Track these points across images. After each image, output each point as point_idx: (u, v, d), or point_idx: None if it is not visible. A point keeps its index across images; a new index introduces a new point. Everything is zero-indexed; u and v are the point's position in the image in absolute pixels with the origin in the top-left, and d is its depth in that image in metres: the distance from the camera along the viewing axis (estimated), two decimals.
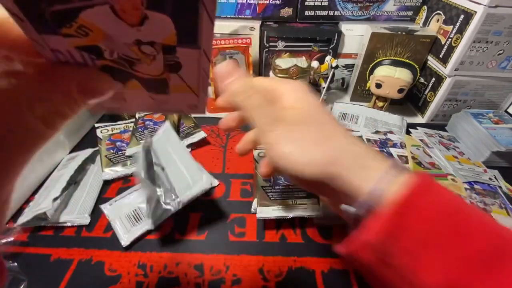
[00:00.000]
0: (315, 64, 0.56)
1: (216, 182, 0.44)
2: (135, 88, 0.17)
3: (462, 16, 0.48)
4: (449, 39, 0.51)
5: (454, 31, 0.50)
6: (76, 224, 0.38)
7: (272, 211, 0.36)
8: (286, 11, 0.60)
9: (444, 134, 0.53)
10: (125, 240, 0.35)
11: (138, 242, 0.36)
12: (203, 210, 0.40)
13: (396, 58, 0.56)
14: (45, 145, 0.15)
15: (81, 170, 0.44)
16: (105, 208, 0.39)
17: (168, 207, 0.36)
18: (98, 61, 0.15)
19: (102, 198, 0.41)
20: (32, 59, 0.14)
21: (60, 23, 0.13)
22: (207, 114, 0.60)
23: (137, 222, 0.37)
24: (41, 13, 0.12)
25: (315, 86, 0.61)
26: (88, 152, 0.47)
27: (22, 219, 0.36)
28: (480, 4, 0.44)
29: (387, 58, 0.57)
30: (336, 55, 0.62)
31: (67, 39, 0.13)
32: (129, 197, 0.40)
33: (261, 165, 0.29)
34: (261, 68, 0.65)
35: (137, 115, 0.52)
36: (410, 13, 0.60)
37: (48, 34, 0.13)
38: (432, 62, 0.56)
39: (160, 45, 0.14)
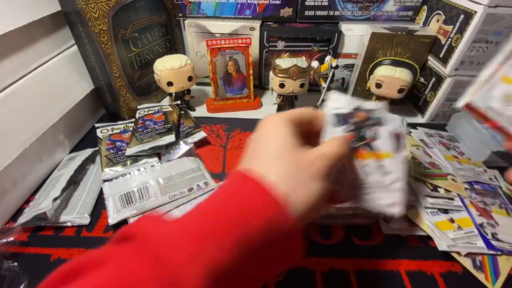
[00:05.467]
0: (315, 64, 0.56)
1: None
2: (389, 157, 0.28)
3: (462, 16, 0.48)
4: (449, 39, 0.51)
5: (454, 31, 0.50)
6: (76, 224, 0.38)
7: None
8: (286, 11, 0.60)
9: (444, 134, 0.53)
10: (112, 219, 0.36)
11: None
12: None
13: (396, 58, 0.56)
14: None
15: (81, 170, 0.44)
16: (104, 185, 0.40)
17: None
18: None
19: (102, 198, 0.41)
20: None
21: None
22: (207, 114, 0.60)
23: (128, 204, 0.38)
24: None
25: (315, 86, 0.61)
26: (88, 152, 0.47)
27: (22, 219, 0.36)
28: (480, 4, 0.44)
29: (387, 58, 0.57)
30: (336, 55, 0.62)
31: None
32: (126, 178, 0.41)
33: None
34: (261, 68, 0.65)
35: (137, 115, 0.52)
36: (410, 13, 0.60)
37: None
38: (432, 62, 0.56)
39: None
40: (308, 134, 0.27)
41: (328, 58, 0.57)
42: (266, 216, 0.19)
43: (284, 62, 0.52)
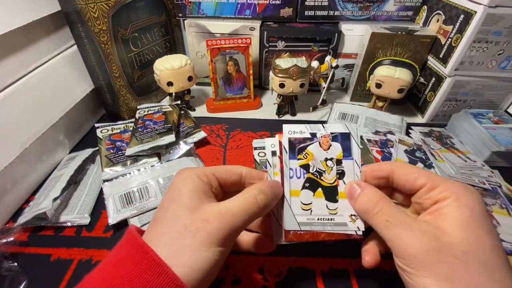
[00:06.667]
0: (315, 64, 0.56)
1: None
2: (319, 197, 0.27)
3: (462, 16, 0.48)
4: (449, 39, 0.51)
5: (454, 31, 0.50)
6: (76, 224, 0.38)
7: None
8: (286, 11, 0.60)
9: (436, 130, 0.53)
10: (112, 219, 0.37)
11: None
12: None
13: (396, 58, 0.56)
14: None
15: (81, 170, 0.44)
16: (104, 185, 0.40)
17: None
18: (306, 174, 0.27)
19: (102, 198, 0.41)
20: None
21: (299, 153, 0.27)
22: (207, 114, 0.60)
23: (128, 204, 0.38)
24: (296, 152, 0.27)
25: (315, 86, 0.61)
26: (88, 152, 0.47)
27: (22, 219, 0.36)
28: (480, 4, 0.44)
29: (387, 58, 0.57)
30: (336, 55, 0.62)
31: (298, 161, 0.27)
32: (126, 178, 0.41)
33: (365, 252, 0.27)
34: (261, 68, 0.65)
35: (137, 115, 0.52)
36: (410, 13, 0.60)
37: (292, 159, 0.27)
38: (432, 62, 0.56)
39: (335, 159, 0.27)
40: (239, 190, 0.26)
41: (328, 58, 0.57)
42: (147, 286, 0.19)
43: (284, 62, 0.52)
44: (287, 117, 0.60)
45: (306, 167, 0.27)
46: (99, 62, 0.49)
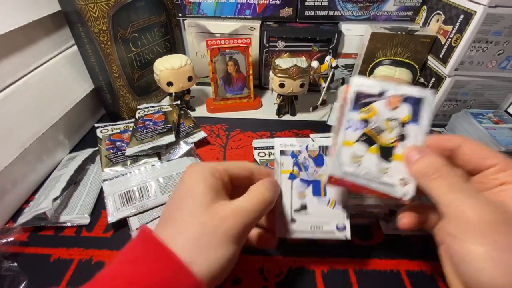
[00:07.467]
0: (315, 64, 0.56)
1: None
2: (372, 152, 0.26)
3: (462, 16, 0.48)
4: (449, 39, 0.51)
5: (454, 31, 0.50)
6: (76, 224, 0.38)
7: None
8: (286, 11, 0.60)
9: (436, 130, 0.53)
10: (112, 217, 0.36)
11: None
12: None
13: (396, 58, 0.56)
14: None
15: (81, 170, 0.44)
16: (104, 184, 0.40)
17: None
18: (364, 128, 0.26)
19: (102, 198, 0.41)
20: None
21: (363, 106, 0.26)
22: (207, 114, 0.60)
23: (127, 203, 0.38)
24: (360, 105, 0.26)
25: (315, 86, 0.61)
26: (88, 152, 0.47)
27: (22, 219, 0.36)
28: (480, 4, 0.44)
29: (387, 58, 0.57)
30: (336, 55, 0.62)
31: (359, 114, 0.26)
32: (126, 177, 0.41)
33: (401, 215, 0.26)
34: (261, 68, 0.65)
35: (137, 115, 0.52)
36: (410, 13, 0.60)
37: (353, 111, 0.26)
38: (432, 62, 0.56)
39: (400, 121, 0.25)
40: (249, 184, 0.27)
41: (328, 58, 0.57)
42: (166, 283, 0.19)
43: (284, 62, 0.52)
44: (287, 117, 0.60)
45: (366, 121, 0.26)
46: (99, 62, 0.49)
